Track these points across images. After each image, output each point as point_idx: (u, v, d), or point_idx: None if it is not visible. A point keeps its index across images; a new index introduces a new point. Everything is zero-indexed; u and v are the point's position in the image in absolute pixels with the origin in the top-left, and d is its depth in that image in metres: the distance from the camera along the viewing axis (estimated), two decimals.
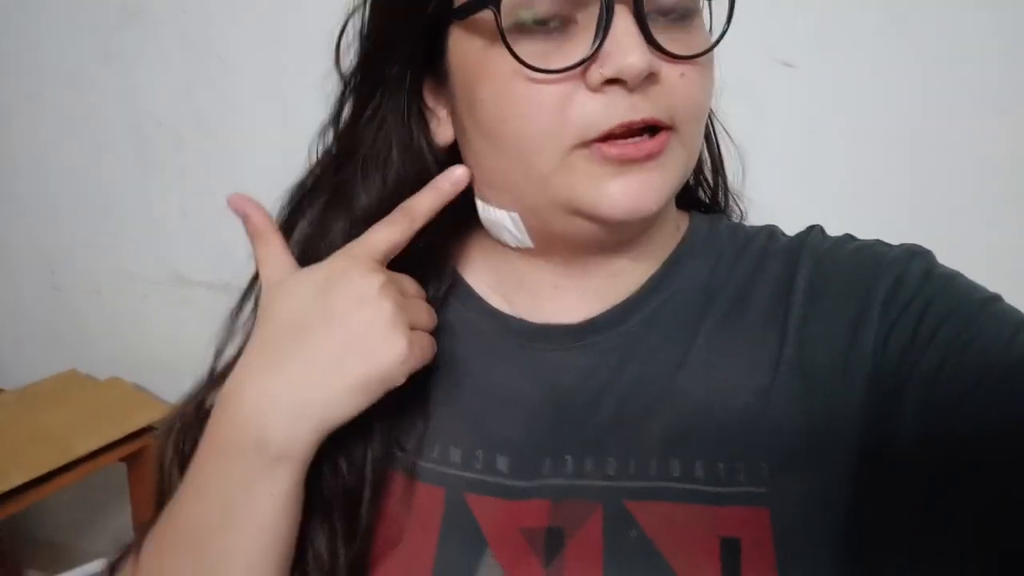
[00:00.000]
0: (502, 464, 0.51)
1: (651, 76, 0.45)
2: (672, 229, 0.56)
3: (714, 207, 0.63)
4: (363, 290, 0.48)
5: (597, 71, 0.44)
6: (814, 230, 0.55)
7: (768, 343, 0.50)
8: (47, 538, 2.04)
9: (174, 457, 0.54)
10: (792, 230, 0.56)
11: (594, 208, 0.46)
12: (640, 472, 0.49)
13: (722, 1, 0.48)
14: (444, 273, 0.56)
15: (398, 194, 0.53)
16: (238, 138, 1.59)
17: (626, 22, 0.44)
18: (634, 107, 0.44)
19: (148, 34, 1.62)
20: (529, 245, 0.53)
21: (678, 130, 0.47)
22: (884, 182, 1.16)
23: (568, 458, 0.50)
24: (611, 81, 0.44)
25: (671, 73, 0.46)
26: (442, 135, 0.54)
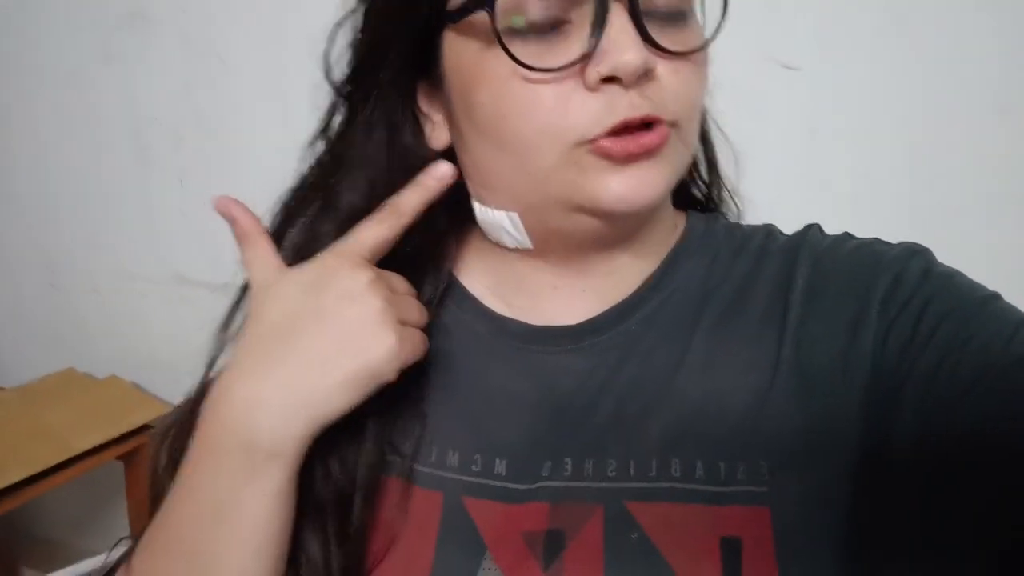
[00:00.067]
0: (501, 467, 0.51)
1: (647, 73, 0.44)
2: (669, 227, 0.56)
3: (709, 206, 0.63)
4: (351, 287, 0.48)
5: (594, 69, 0.44)
6: (812, 229, 0.55)
7: (767, 342, 0.50)
8: (44, 535, 2.05)
9: (168, 464, 0.53)
10: (792, 230, 0.56)
11: (595, 202, 0.46)
12: (640, 473, 0.49)
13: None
14: (439, 276, 0.56)
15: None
16: (238, 138, 1.59)
17: (621, 20, 0.44)
18: (633, 105, 0.44)
19: (148, 34, 1.62)
20: (528, 246, 0.52)
21: (675, 126, 0.47)
22: (884, 182, 1.16)
23: (567, 460, 0.50)
24: (608, 79, 0.44)
25: (666, 70, 0.46)
26: (438, 140, 0.53)
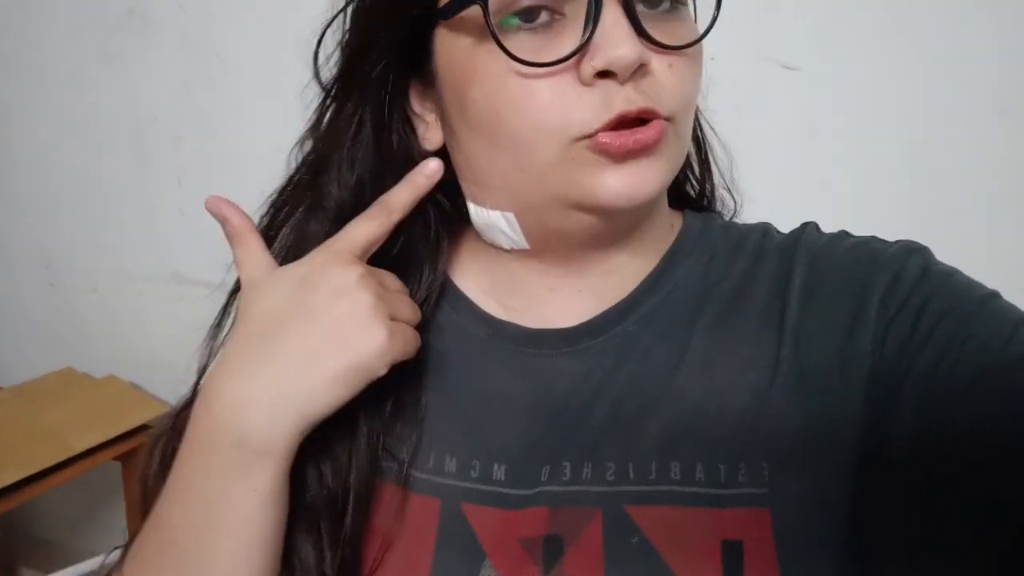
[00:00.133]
0: (499, 473, 0.51)
1: (642, 68, 0.44)
2: (666, 226, 0.56)
3: (703, 203, 0.62)
4: (341, 283, 0.47)
5: (588, 64, 0.44)
6: (809, 227, 0.54)
7: (765, 341, 0.50)
8: (42, 535, 2.04)
9: (159, 470, 0.52)
10: (789, 229, 0.56)
11: (593, 198, 0.46)
12: (640, 476, 0.48)
13: None
14: (433, 277, 0.55)
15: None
16: (237, 138, 1.58)
17: (615, 14, 0.43)
18: (629, 99, 0.44)
19: (148, 34, 1.62)
20: (524, 246, 0.52)
21: (671, 121, 0.46)
22: (884, 182, 1.16)
23: (566, 464, 0.50)
24: (602, 74, 0.44)
25: (661, 64, 0.45)
26: (431, 140, 0.53)
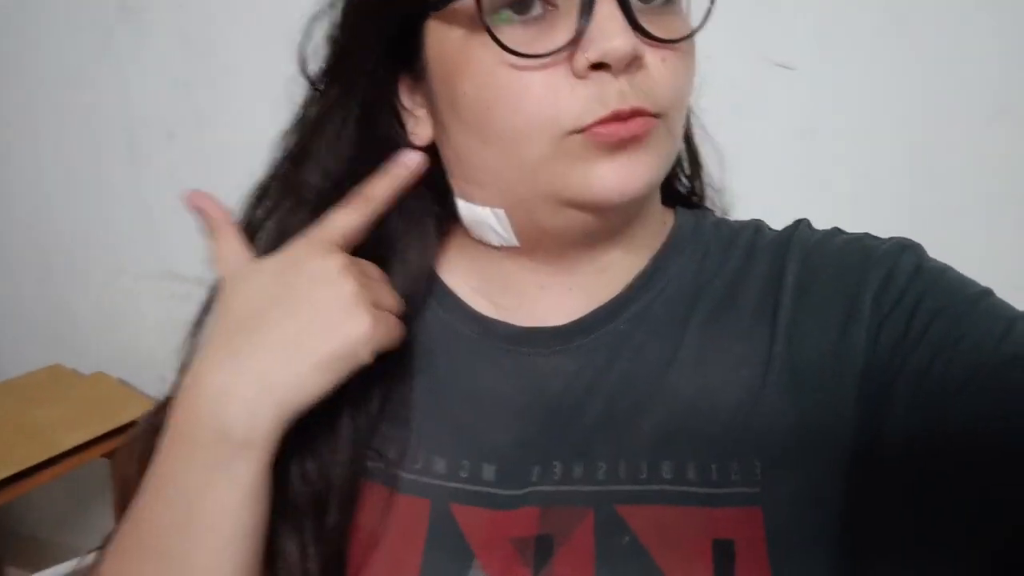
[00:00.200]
0: (489, 473, 0.50)
1: (636, 61, 0.44)
2: (658, 223, 0.55)
3: (693, 200, 0.62)
4: (322, 271, 0.47)
5: (582, 56, 0.43)
6: (801, 224, 0.54)
7: (758, 338, 0.50)
8: (29, 533, 2.04)
9: (141, 469, 0.51)
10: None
11: (584, 193, 0.45)
12: (631, 475, 0.48)
13: None
14: (420, 273, 0.55)
15: None
16: (231, 134, 1.57)
17: (609, 6, 0.43)
18: (622, 94, 0.44)
19: (144, 31, 1.62)
20: (515, 243, 0.51)
21: (663, 117, 0.46)
22: (884, 182, 1.16)
23: (556, 464, 0.49)
24: (596, 67, 0.43)
25: (655, 59, 0.45)
26: (421, 135, 0.52)
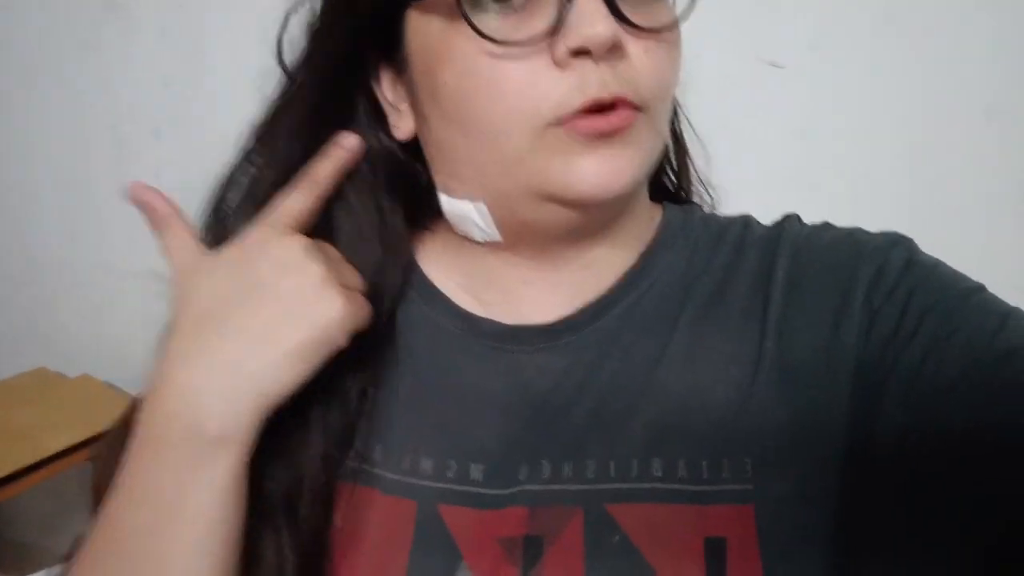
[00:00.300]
0: (476, 473, 0.49)
1: (618, 50, 0.43)
2: (646, 219, 0.55)
3: (680, 195, 0.62)
4: (285, 256, 0.46)
5: (562, 43, 0.42)
6: (790, 218, 0.54)
7: (748, 336, 0.49)
8: (14, 537, 2.01)
9: (105, 473, 0.49)
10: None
11: (565, 187, 0.45)
12: (621, 474, 0.47)
13: None
14: (397, 267, 0.54)
15: None
16: (216, 132, 1.54)
17: None
18: (604, 82, 0.43)
19: (130, 29, 1.60)
20: (497, 238, 0.50)
21: (645, 109, 0.45)
22: (883, 182, 1.16)
23: (545, 463, 0.49)
24: (577, 54, 0.43)
25: (637, 49, 0.44)
26: (403, 129, 0.52)
